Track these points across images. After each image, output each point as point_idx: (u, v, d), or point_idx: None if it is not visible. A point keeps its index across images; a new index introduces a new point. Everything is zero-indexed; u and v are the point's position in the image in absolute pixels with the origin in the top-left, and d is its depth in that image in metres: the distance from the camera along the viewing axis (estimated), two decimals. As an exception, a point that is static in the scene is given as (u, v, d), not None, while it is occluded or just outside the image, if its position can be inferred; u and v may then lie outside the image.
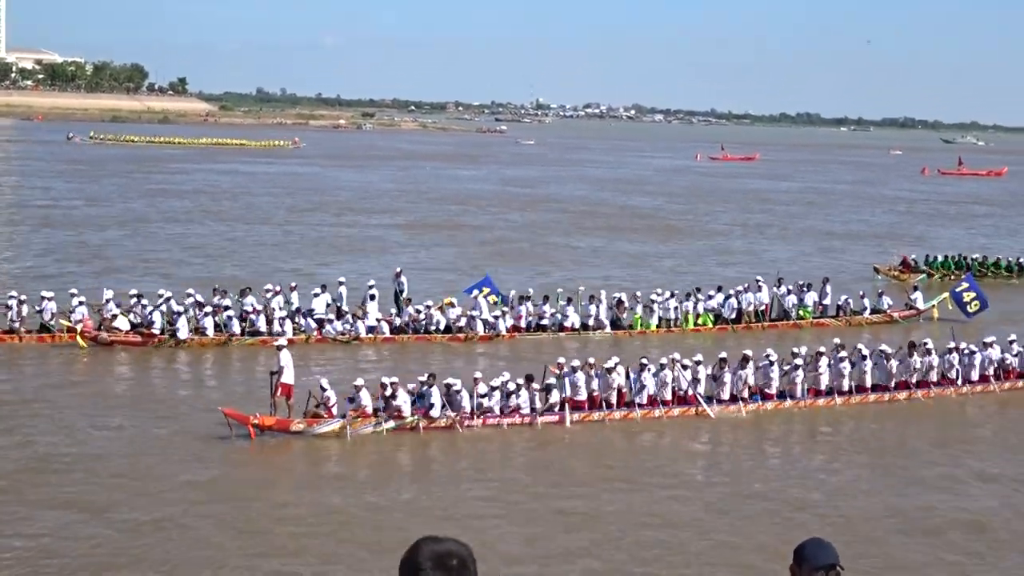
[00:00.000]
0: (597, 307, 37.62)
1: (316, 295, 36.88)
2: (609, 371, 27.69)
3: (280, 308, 35.67)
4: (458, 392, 26.26)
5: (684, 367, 28.42)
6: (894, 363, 30.10)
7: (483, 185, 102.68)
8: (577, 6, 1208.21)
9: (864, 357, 30.17)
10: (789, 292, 40.35)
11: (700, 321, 38.52)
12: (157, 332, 33.44)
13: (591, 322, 37.41)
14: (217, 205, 74.77)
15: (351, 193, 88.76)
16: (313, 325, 35.31)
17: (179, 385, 30.18)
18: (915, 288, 42.95)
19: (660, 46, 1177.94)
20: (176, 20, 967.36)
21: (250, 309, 35.22)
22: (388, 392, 25.70)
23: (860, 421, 28.39)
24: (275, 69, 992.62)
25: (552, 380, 27.58)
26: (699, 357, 28.93)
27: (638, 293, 38.97)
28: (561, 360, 28.51)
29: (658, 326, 37.88)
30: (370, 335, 35.32)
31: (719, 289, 40.08)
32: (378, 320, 35.82)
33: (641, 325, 37.74)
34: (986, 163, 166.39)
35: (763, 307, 39.73)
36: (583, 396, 27.47)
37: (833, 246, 63.35)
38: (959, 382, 30.73)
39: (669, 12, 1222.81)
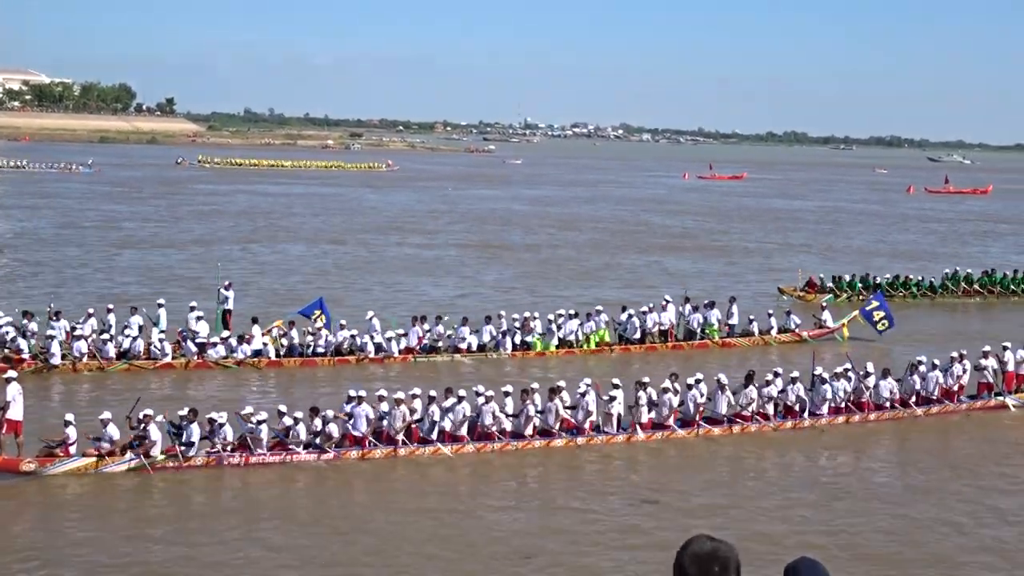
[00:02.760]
0: (496, 328, 36.55)
1: (199, 318, 35.27)
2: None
3: (62, 331, 33.17)
4: (222, 426, 24.32)
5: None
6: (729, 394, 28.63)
7: (512, 205, 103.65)
8: (565, 26, 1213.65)
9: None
10: (694, 311, 39.61)
11: (597, 342, 37.48)
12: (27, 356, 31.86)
13: (490, 343, 36.19)
14: (259, 224, 75.89)
15: (388, 214, 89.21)
16: (193, 349, 33.76)
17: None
18: (823, 308, 42.09)
19: (648, 65, 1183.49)
20: (164, 40, 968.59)
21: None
22: (141, 426, 23.87)
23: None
24: (263, 89, 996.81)
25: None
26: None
27: (536, 314, 37.99)
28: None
29: (558, 347, 36.93)
30: (254, 359, 33.82)
31: (623, 309, 39.24)
32: (264, 344, 34.29)
33: (541, 346, 36.74)
34: (972, 181, 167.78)
35: (668, 327, 38.82)
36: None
37: (876, 264, 60.46)
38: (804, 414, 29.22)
39: (657, 32, 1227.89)
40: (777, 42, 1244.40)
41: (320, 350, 34.68)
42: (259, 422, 24.70)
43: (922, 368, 31.03)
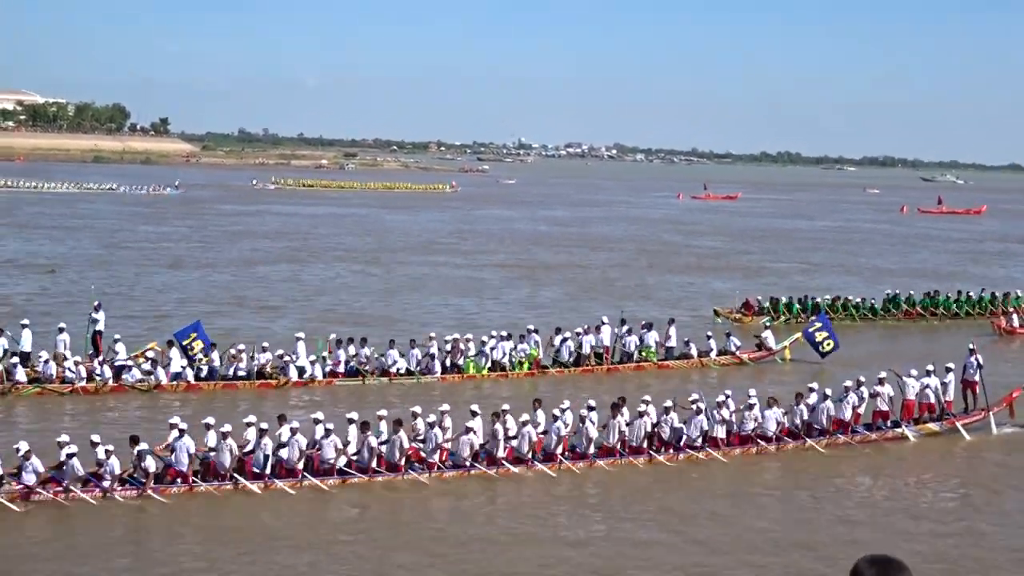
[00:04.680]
0: (422, 351, 35.59)
1: (116, 340, 34.48)
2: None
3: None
4: (28, 457, 22.71)
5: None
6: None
7: (533, 226, 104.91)
8: (558, 46, 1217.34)
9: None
10: (629, 332, 38.83)
11: (529, 364, 36.77)
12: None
13: (417, 367, 35.23)
14: (294, 244, 77.05)
15: (418, 234, 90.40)
16: (108, 373, 32.77)
17: None
18: (765, 327, 41.59)
19: (641, 86, 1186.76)
20: (158, 60, 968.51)
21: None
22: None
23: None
24: (257, 109, 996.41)
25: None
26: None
27: (469, 336, 37.37)
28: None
29: (491, 369, 36.15)
30: (173, 383, 33.04)
31: (557, 331, 38.55)
32: (182, 367, 33.45)
33: (473, 369, 35.98)
34: (965, 202, 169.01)
35: (603, 349, 38.13)
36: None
37: (911, 283, 59.35)
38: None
39: (650, 52, 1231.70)
40: (771, 63, 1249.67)
41: (241, 373, 33.85)
42: (69, 455, 22.93)
43: (812, 398, 29.57)
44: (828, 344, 38.88)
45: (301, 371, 34.17)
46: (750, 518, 23.45)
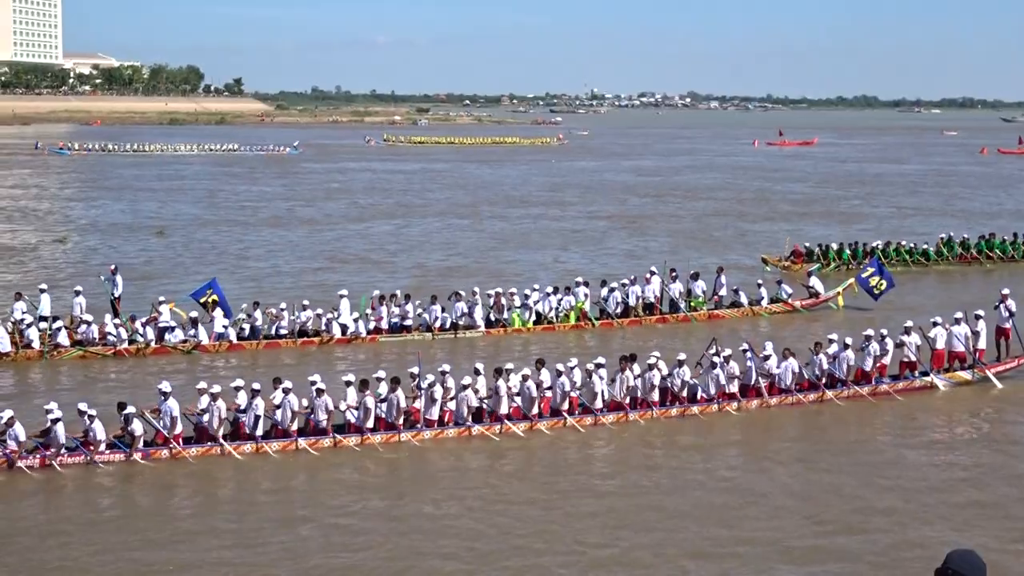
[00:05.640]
0: (468, 305, 35.21)
1: (162, 301, 34.12)
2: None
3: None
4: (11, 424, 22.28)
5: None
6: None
7: (624, 176, 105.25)
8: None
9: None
10: (675, 281, 38.21)
11: (576, 317, 36.26)
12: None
13: (462, 321, 34.93)
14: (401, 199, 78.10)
15: (512, 188, 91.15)
16: (151, 334, 32.70)
17: None
18: (810, 275, 40.65)
19: (714, 32, 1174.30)
20: (230, 22, 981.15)
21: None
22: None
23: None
24: (329, 67, 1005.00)
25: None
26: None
27: (513, 290, 36.65)
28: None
29: (536, 323, 35.79)
30: (215, 343, 32.88)
31: (603, 283, 38.14)
32: (224, 327, 33.19)
33: (518, 322, 35.55)
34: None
35: (652, 300, 37.49)
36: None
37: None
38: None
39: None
40: (845, 6, 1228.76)
41: (283, 332, 33.69)
42: (54, 421, 22.53)
43: (832, 348, 28.40)
44: (881, 285, 37.83)
45: (344, 328, 33.86)
46: (761, 481, 22.19)
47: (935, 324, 29.76)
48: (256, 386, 24.12)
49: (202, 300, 34.08)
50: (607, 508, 20.43)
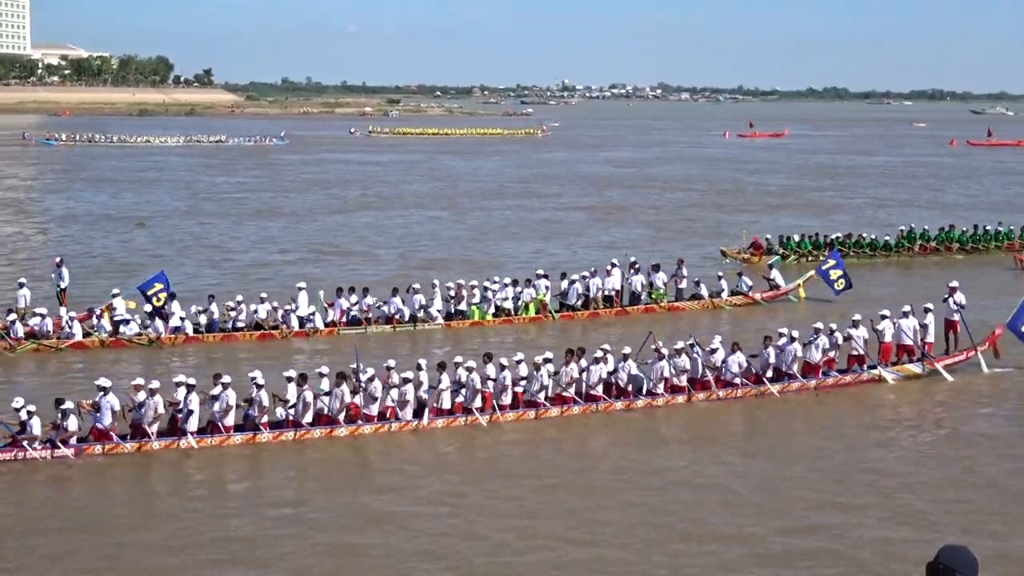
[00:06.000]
0: (426, 297, 35.15)
1: (115, 295, 33.80)
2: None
3: None
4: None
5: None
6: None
7: (599, 168, 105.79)
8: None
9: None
10: (636, 273, 38.08)
11: (537, 309, 36.25)
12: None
13: (420, 313, 34.77)
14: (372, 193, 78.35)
15: (487, 179, 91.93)
16: (108, 326, 32.53)
17: None
18: (770, 267, 40.57)
19: (685, 24, 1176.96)
20: (201, 11, 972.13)
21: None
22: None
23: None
24: (300, 58, 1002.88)
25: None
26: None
27: (474, 282, 36.59)
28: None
29: (495, 315, 35.75)
30: (172, 335, 32.65)
31: (563, 275, 38.09)
32: (182, 319, 33.02)
33: (478, 315, 35.54)
34: (1017, 133, 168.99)
35: (613, 292, 37.43)
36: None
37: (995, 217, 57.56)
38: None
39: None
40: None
41: (240, 325, 33.47)
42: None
43: (781, 341, 28.25)
44: (841, 283, 38.11)
45: (303, 321, 33.81)
46: (710, 472, 22.08)
47: (883, 317, 29.71)
48: (191, 381, 23.81)
49: (149, 292, 33.36)
50: (549, 504, 20.16)
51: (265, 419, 23.87)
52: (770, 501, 20.39)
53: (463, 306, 35.56)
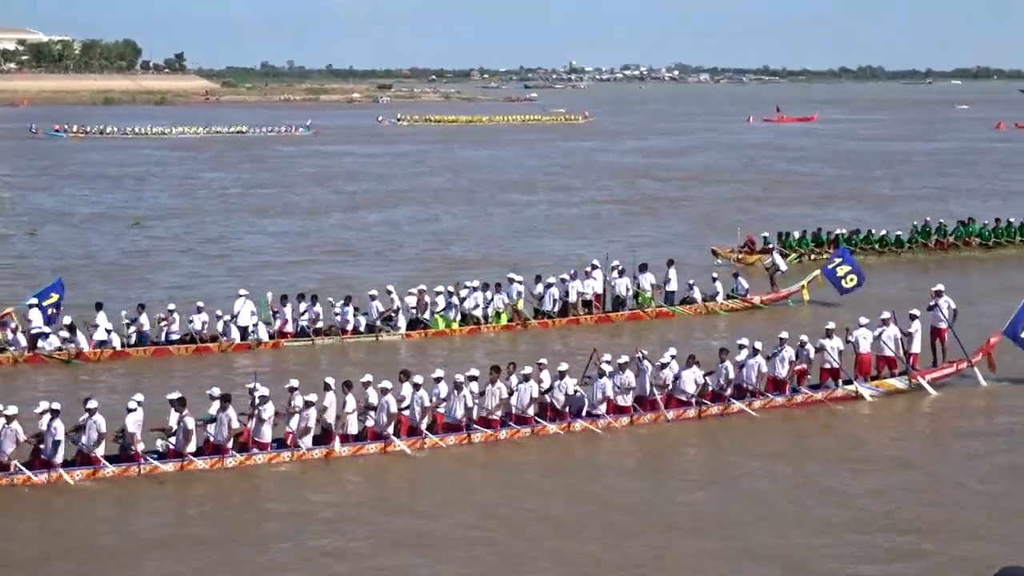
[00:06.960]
0: (384, 305, 34.84)
1: (31, 306, 32.76)
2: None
3: None
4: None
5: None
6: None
7: (626, 158, 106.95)
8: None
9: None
10: (621, 275, 37.53)
11: (509, 317, 35.90)
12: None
13: (379, 323, 34.45)
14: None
15: (511, 170, 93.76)
16: (23, 342, 31.92)
17: None
18: (766, 267, 40.80)
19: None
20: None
21: None
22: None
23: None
24: (281, 40, 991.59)
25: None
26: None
27: (439, 288, 36.09)
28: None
29: (461, 324, 35.31)
30: (96, 350, 32.04)
31: (538, 278, 37.50)
32: (108, 331, 32.41)
33: (442, 323, 35.12)
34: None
35: (591, 297, 37.02)
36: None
37: None
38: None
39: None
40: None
41: (174, 337, 33.13)
42: None
43: (742, 355, 27.60)
44: (851, 280, 37.59)
45: (244, 332, 33.40)
46: (660, 499, 21.90)
47: (860, 325, 28.82)
48: (56, 406, 22.84)
49: (45, 303, 32.85)
50: (462, 540, 19.91)
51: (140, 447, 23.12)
52: (724, 543, 19.77)
53: (427, 315, 35.21)
